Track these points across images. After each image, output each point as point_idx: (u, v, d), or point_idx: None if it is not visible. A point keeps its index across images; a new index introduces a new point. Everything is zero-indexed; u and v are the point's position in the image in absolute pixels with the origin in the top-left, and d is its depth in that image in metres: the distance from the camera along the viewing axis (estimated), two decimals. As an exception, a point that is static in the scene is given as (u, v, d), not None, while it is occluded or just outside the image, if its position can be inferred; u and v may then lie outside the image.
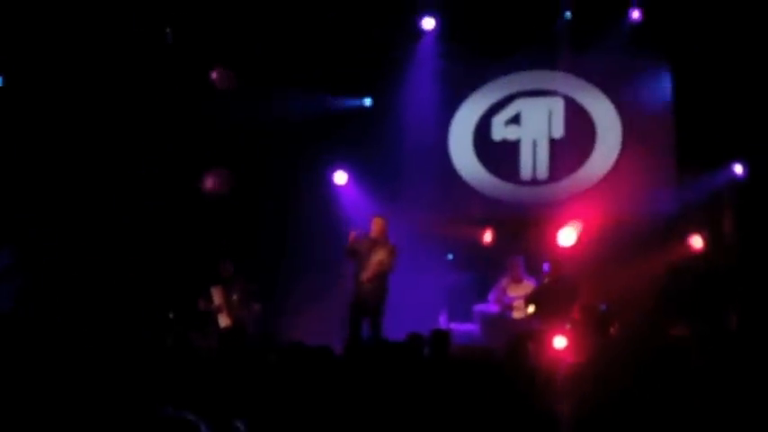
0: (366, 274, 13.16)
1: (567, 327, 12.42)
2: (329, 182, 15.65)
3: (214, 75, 14.58)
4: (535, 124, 15.59)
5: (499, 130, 15.75)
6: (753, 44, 13.78)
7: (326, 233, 14.61)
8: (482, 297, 14.37)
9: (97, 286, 14.31)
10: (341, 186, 15.73)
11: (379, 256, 13.20)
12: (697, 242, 14.26)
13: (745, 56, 13.89)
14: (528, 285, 13.90)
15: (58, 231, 14.40)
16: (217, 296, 13.67)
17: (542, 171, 15.56)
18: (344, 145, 15.56)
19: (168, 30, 14.64)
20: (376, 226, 13.35)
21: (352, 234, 13.23)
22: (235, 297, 13.69)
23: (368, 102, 15.99)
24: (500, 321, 13.80)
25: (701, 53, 14.25)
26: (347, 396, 7.28)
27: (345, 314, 13.38)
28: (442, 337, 9.66)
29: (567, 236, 14.66)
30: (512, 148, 15.68)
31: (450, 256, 15.47)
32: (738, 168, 14.28)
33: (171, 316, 13.81)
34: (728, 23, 13.85)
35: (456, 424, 6.58)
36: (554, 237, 14.66)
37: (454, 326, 14.19)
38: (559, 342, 11.81)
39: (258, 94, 14.86)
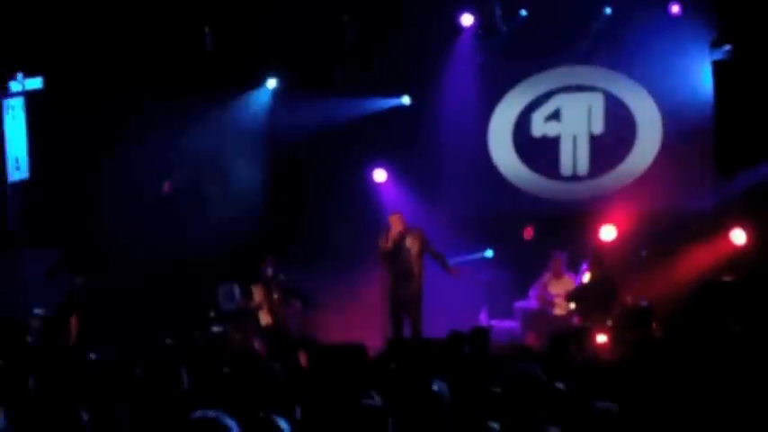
0: (416, 269, 13.17)
1: (609, 323, 12.40)
2: (369, 179, 15.67)
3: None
4: (575, 120, 15.54)
5: (539, 126, 15.72)
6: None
7: (367, 231, 14.60)
8: (523, 294, 14.34)
9: (137, 283, 14.43)
10: (381, 184, 15.74)
11: (416, 247, 13.20)
12: (739, 237, 14.17)
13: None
14: (569, 281, 13.86)
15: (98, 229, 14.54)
16: (258, 294, 13.74)
17: (583, 167, 15.52)
18: (383, 142, 15.59)
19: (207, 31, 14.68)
20: (397, 222, 13.31)
21: (389, 237, 13.22)
22: (276, 296, 13.74)
23: (406, 100, 15.96)
24: (541, 318, 13.76)
25: (740, 48, 14.15)
26: (388, 394, 7.30)
27: (384, 312, 13.39)
28: (481, 334, 9.65)
29: (608, 233, 14.61)
30: (552, 144, 15.64)
31: (491, 253, 15.45)
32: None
33: (212, 314, 13.87)
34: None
35: (498, 421, 6.57)
36: (595, 232, 14.62)
37: (495, 323, 14.18)
38: (601, 339, 11.80)
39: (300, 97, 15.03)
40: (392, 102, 15.90)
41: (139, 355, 8.03)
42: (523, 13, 14.79)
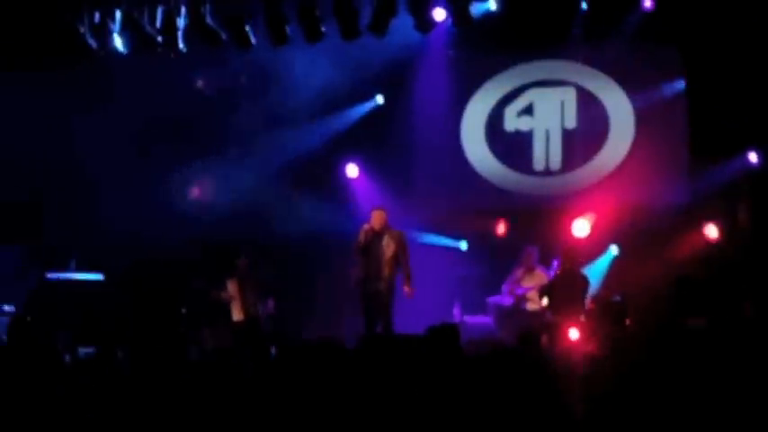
0: (385, 271, 13.08)
1: (582, 318, 12.39)
2: (341, 175, 15.61)
3: None
4: (548, 114, 15.51)
5: (512, 121, 15.68)
6: (766, 31, 13.68)
7: (339, 227, 14.54)
8: (496, 289, 14.31)
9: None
10: (353, 179, 15.68)
11: (391, 249, 13.12)
12: (712, 231, 14.20)
13: (758, 43, 13.80)
14: (542, 276, 13.84)
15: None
16: (232, 288, 13.66)
17: (555, 161, 15.50)
18: (355, 137, 15.52)
19: None
20: (378, 218, 13.19)
21: (364, 232, 13.13)
22: (250, 292, 13.67)
23: (380, 99, 15.88)
24: (514, 313, 13.76)
25: (713, 40, 14.16)
26: (362, 391, 7.25)
27: (356, 310, 13.32)
28: (450, 330, 9.62)
29: (581, 227, 14.62)
30: (525, 138, 15.61)
31: (465, 245, 15.42)
32: (753, 157, 14.21)
33: (183, 311, 13.79)
34: (740, 10, 13.75)
35: (469, 418, 6.53)
36: (568, 227, 14.61)
37: (468, 318, 14.14)
38: (573, 334, 11.77)
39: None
40: (367, 104, 15.86)
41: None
42: (494, 6, 14.70)
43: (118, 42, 13.97)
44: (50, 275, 14.20)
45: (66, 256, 14.56)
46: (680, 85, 14.80)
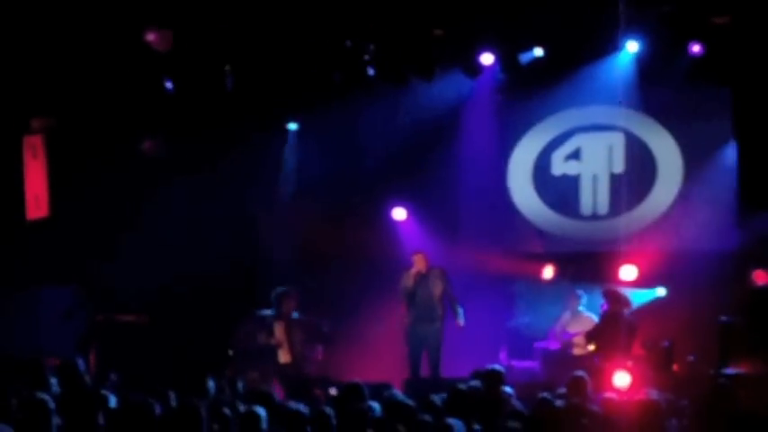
0: (438, 311, 13.20)
1: (629, 363, 12.33)
2: (389, 218, 15.65)
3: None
4: (595, 159, 15.50)
5: (559, 165, 15.68)
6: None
7: (387, 269, 14.56)
8: (543, 334, 14.27)
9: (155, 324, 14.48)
10: (400, 222, 15.72)
11: (439, 289, 13.23)
12: (761, 278, 14.09)
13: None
14: (589, 321, 13.80)
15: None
16: (279, 331, 13.69)
17: (603, 206, 15.47)
18: (404, 181, 15.58)
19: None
20: (422, 261, 13.43)
21: (411, 276, 13.24)
22: (298, 335, 13.69)
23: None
24: (561, 358, 13.70)
25: (763, 85, 14.12)
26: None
27: (404, 354, 13.38)
28: (495, 374, 9.67)
29: (629, 272, 14.54)
30: (572, 183, 15.60)
31: (515, 292, 15.39)
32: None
33: (231, 353, 13.84)
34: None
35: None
36: (615, 272, 14.56)
37: (515, 363, 14.11)
38: (622, 379, 11.72)
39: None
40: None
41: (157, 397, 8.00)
42: (541, 52, 14.76)
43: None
44: (99, 316, 14.34)
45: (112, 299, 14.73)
46: (729, 130, 14.73)
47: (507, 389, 9.52)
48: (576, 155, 15.61)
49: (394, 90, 14.98)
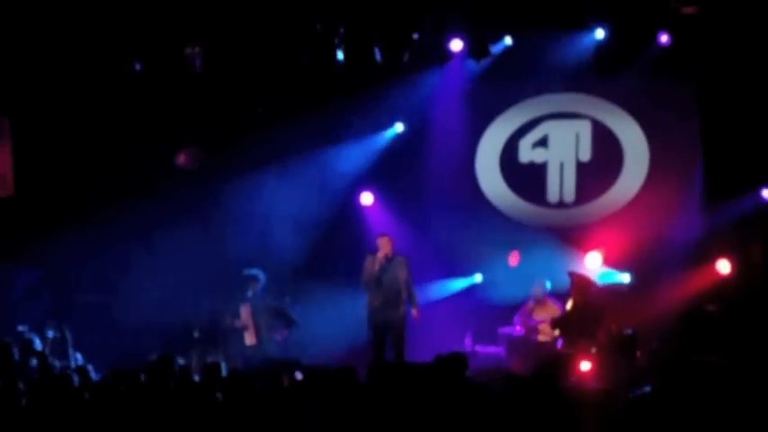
0: (403, 296, 13.21)
1: (593, 351, 12.38)
2: (356, 202, 15.65)
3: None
4: (562, 147, 15.55)
5: (526, 153, 15.72)
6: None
7: (353, 254, 14.57)
8: (508, 320, 14.31)
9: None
10: (367, 207, 15.71)
11: (403, 275, 13.22)
12: (724, 267, 14.20)
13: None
14: (553, 308, 13.85)
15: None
16: (245, 314, 13.69)
17: (569, 194, 15.53)
18: (371, 166, 15.57)
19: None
20: (388, 245, 13.35)
21: (377, 260, 13.23)
22: (263, 318, 13.70)
23: (400, 127, 15.85)
24: (525, 344, 13.75)
25: (728, 77, 14.21)
26: (371, 419, 7.29)
27: (368, 338, 13.38)
28: (460, 359, 9.65)
29: (594, 260, 14.62)
30: (539, 170, 15.64)
31: (480, 278, 15.41)
32: (766, 193, 14.21)
33: (196, 335, 13.83)
34: (757, 47, 13.81)
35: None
36: (580, 260, 14.62)
37: (480, 348, 14.15)
38: (585, 366, 11.77)
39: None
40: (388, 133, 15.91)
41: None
42: (510, 40, 14.81)
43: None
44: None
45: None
46: (695, 120, 14.81)
47: None
48: (543, 142, 15.66)
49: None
